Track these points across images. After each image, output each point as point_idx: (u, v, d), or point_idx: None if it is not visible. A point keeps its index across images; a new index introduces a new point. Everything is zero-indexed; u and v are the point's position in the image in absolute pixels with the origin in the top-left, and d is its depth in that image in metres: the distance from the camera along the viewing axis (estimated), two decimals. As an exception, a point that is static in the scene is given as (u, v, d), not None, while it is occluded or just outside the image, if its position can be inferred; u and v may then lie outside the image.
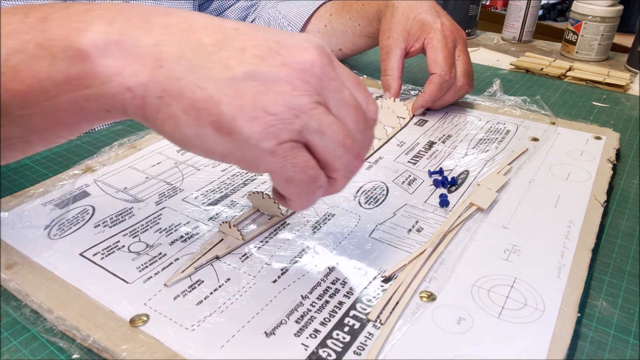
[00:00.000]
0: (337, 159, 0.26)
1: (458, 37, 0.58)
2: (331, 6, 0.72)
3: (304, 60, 0.25)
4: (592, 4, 0.84)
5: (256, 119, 0.24)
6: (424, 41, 0.57)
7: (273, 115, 0.24)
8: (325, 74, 0.26)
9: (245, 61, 0.25)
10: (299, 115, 0.25)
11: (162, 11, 0.27)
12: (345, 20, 0.69)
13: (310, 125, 0.25)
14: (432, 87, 0.55)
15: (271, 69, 0.25)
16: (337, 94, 0.26)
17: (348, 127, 0.27)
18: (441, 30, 0.56)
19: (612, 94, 0.70)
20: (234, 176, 0.45)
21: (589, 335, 0.31)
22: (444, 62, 0.55)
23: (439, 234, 0.37)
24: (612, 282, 0.35)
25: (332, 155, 0.26)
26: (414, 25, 0.57)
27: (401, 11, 0.59)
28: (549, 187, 0.44)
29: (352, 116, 0.27)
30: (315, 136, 0.25)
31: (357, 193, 0.43)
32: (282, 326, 0.29)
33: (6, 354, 0.29)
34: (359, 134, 0.27)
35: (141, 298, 0.31)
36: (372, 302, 0.31)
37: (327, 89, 0.26)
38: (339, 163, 0.27)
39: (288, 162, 0.25)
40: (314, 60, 0.25)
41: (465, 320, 0.30)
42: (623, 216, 0.42)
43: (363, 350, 0.28)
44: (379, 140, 0.52)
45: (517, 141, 0.52)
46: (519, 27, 0.97)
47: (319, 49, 0.26)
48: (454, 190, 0.43)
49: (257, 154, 0.25)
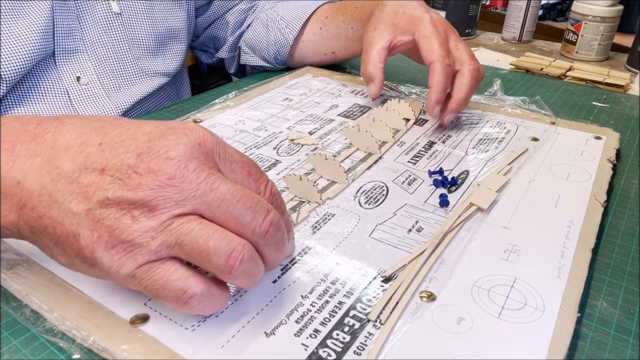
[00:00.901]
0: (205, 264, 0.26)
1: (449, 30, 0.56)
2: (327, 8, 0.72)
3: (163, 173, 0.25)
4: (592, 4, 0.84)
5: (114, 248, 0.25)
6: (414, 34, 0.55)
7: (128, 242, 0.25)
8: (189, 182, 0.25)
9: (103, 187, 0.25)
10: (154, 236, 0.25)
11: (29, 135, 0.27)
12: (339, 22, 0.68)
13: (168, 240, 0.25)
14: (437, 76, 0.51)
15: (127, 192, 0.25)
16: (208, 196, 0.25)
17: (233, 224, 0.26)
18: (431, 21, 0.55)
19: (612, 94, 0.70)
20: (234, 176, 0.45)
21: (589, 335, 0.31)
22: (440, 48, 0.52)
23: (439, 234, 0.37)
24: (612, 282, 0.35)
25: (199, 261, 0.26)
26: (402, 19, 0.57)
27: (389, 7, 0.58)
28: (549, 187, 0.44)
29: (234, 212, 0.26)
30: (175, 250, 0.25)
31: (357, 193, 0.43)
32: (282, 326, 0.29)
33: (6, 354, 0.29)
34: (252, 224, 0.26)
35: (141, 298, 0.31)
36: (372, 302, 0.31)
37: (195, 195, 0.25)
38: (211, 267, 0.26)
39: (148, 282, 0.26)
40: (174, 172, 0.25)
41: (465, 320, 0.30)
42: (623, 216, 0.42)
43: (363, 350, 0.28)
44: (385, 142, 0.51)
45: (517, 141, 0.52)
46: (519, 27, 0.97)
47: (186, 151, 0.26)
48: (454, 190, 0.43)
49: (121, 279, 0.26)
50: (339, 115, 0.58)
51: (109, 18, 0.62)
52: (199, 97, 0.66)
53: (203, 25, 0.78)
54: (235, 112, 0.58)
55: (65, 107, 0.58)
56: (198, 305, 0.27)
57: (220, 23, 0.78)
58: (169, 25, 0.68)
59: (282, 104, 0.60)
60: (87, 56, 0.60)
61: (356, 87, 0.67)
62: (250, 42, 0.76)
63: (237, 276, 0.26)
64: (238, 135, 0.52)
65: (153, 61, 0.67)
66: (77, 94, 0.59)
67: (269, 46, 0.74)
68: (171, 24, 0.69)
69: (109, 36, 0.62)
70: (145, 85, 0.66)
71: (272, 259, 0.28)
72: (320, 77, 0.70)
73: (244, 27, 0.77)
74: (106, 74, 0.62)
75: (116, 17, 0.62)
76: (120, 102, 0.62)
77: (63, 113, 0.58)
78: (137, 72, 0.65)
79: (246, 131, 0.53)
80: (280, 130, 0.54)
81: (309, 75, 0.71)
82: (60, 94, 0.58)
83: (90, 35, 0.60)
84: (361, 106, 0.61)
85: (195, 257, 0.26)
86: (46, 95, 0.57)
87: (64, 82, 0.58)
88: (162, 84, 0.68)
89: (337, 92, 0.65)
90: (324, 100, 0.62)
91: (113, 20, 0.62)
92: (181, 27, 0.70)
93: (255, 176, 0.29)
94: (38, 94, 0.56)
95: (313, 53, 0.73)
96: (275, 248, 0.28)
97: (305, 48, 0.73)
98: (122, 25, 0.63)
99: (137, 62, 0.65)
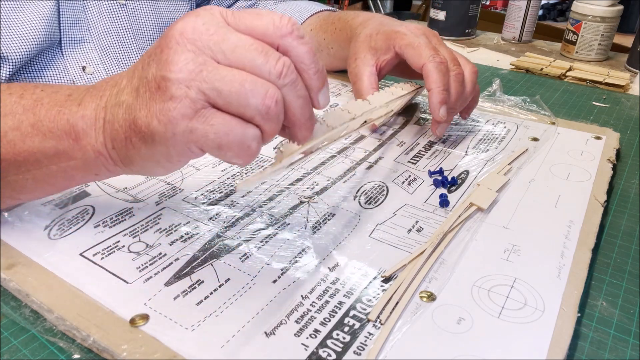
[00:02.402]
0: (243, 107, 0.26)
1: (428, 33, 0.54)
2: (315, 20, 0.71)
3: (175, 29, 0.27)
4: (592, 4, 0.84)
5: (162, 112, 0.27)
6: (394, 48, 0.53)
7: (170, 100, 0.26)
8: (200, 34, 0.27)
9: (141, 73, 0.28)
10: (190, 85, 0.26)
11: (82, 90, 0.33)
12: (321, 39, 0.68)
13: (202, 87, 0.26)
14: (432, 77, 0.48)
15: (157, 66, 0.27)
16: (221, 45, 0.27)
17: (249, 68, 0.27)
18: (407, 30, 0.53)
19: (612, 94, 0.70)
20: (234, 176, 0.45)
21: (589, 335, 0.31)
22: (426, 49, 0.50)
23: (439, 234, 0.37)
24: (612, 282, 0.35)
25: (237, 104, 0.26)
26: (378, 40, 0.55)
27: (363, 35, 0.57)
28: (549, 187, 0.44)
29: (247, 56, 0.27)
30: (213, 95, 0.26)
31: (357, 193, 0.43)
32: (282, 326, 0.29)
33: (6, 354, 0.29)
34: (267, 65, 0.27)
35: (141, 298, 0.31)
36: (372, 302, 0.31)
37: (209, 45, 0.27)
38: (249, 109, 0.27)
39: (209, 131, 0.26)
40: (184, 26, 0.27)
41: (465, 320, 0.30)
42: (623, 216, 0.42)
43: (363, 350, 0.28)
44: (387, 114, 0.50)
45: (517, 141, 0.52)
46: (519, 27, 0.97)
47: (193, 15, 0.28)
48: (454, 190, 0.43)
49: (182, 140, 0.27)
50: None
51: (115, 8, 0.62)
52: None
53: None
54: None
55: None
56: (257, 146, 0.27)
57: None
58: (173, 17, 0.69)
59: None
60: (93, 46, 0.60)
61: (356, 87, 0.66)
62: None
63: (271, 118, 0.27)
64: (238, 135, 0.52)
65: None
66: (83, 83, 0.59)
67: None
68: (175, 16, 0.69)
69: (114, 26, 0.63)
70: None
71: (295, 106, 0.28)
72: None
73: None
74: (111, 63, 0.63)
75: (121, 8, 0.63)
76: None
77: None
78: None
79: (246, 131, 0.53)
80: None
81: (309, 75, 0.70)
82: (66, 83, 0.58)
83: (95, 25, 0.61)
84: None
85: (233, 101, 0.26)
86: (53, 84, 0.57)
87: (69, 72, 0.58)
88: None
89: (337, 92, 0.65)
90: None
91: (118, 10, 0.63)
92: None
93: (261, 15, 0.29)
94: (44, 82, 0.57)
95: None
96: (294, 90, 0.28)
97: None
98: (127, 15, 0.64)
99: (142, 52, 0.65)
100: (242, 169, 0.46)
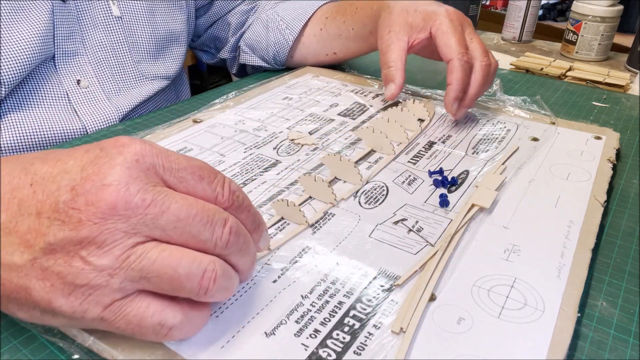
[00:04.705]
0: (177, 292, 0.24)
1: (465, 22, 0.56)
2: (328, 9, 0.72)
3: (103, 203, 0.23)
4: (592, 4, 0.84)
5: (71, 294, 0.23)
6: (430, 29, 0.55)
7: (84, 285, 0.23)
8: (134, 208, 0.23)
9: (43, 232, 0.23)
10: (113, 274, 0.23)
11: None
12: (340, 23, 0.68)
13: (130, 275, 0.23)
14: (456, 74, 0.51)
15: (68, 232, 0.22)
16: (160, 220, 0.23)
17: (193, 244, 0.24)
18: (447, 15, 0.54)
19: (612, 94, 0.70)
20: (233, 176, 0.45)
21: (589, 335, 0.31)
22: (458, 45, 0.52)
23: (447, 238, 0.37)
24: (612, 282, 0.35)
25: (170, 290, 0.24)
26: (416, 17, 0.56)
27: (399, 8, 0.57)
28: (549, 187, 0.44)
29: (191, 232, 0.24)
30: (142, 283, 0.24)
31: (357, 193, 0.43)
32: (282, 326, 0.29)
33: (6, 354, 0.29)
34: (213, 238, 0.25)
35: (141, 298, 0.31)
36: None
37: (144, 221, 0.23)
38: (184, 293, 0.24)
39: (120, 323, 0.24)
40: (115, 200, 0.23)
41: (465, 320, 0.30)
42: (623, 216, 0.42)
43: (363, 350, 0.28)
44: (400, 144, 0.51)
45: (517, 141, 0.52)
46: (519, 27, 0.97)
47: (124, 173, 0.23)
48: (454, 190, 0.43)
49: (90, 322, 0.24)
50: (338, 114, 0.58)
51: (109, 21, 0.62)
52: (199, 97, 0.66)
53: (204, 25, 0.78)
54: (235, 112, 0.58)
55: (65, 110, 0.58)
56: (179, 333, 0.26)
57: (222, 24, 0.78)
58: (169, 28, 0.68)
59: (282, 103, 0.60)
60: (87, 59, 0.60)
61: (356, 87, 0.67)
62: (250, 41, 0.76)
63: (212, 295, 0.25)
64: (238, 135, 0.52)
65: (153, 64, 0.67)
66: (77, 97, 0.59)
67: (268, 47, 0.74)
68: (171, 27, 0.69)
69: (109, 39, 0.62)
70: (146, 89, 0.66)
71: (242, 265, 0.27)
72: (321, 77, 0.70)
73: (245, 27, 0.77)
74: (106, 77, 0.62)
75: (116, 21, 0.62)
76: (120, 104, 0.62)
77: (64, 116, 0.57)
78: (137, 75, 0.65)
79: (246, 131, 0.53)
80: (280, 130, 0.54)
81: (309, 75, 0.71)
82: (60, 97, 0.58)
83: (90, 38, 0.60)
84: (361, 105, 0.61)
85: (166, 287, 0.24)
86: (46, 98, 0.57)
87: (64, 85, 0.58)
88: (162, 87, 0.68)
89: (337, 91, 0.65)
90: (324, 99, 0.62)
91: (113, 23, 0.62)
92: (181, 30, 0.70)
93: (209, 178, 0.26)
94: (38, 97, 0.56)
95: (314, 54, 0.73)
96: (241, 254, 0.27)
97: (306, 49, 0.73)
98: (122, 28, 0.63)
99: (137, 65, 0.65)
100: (242, 169, 0.46)
